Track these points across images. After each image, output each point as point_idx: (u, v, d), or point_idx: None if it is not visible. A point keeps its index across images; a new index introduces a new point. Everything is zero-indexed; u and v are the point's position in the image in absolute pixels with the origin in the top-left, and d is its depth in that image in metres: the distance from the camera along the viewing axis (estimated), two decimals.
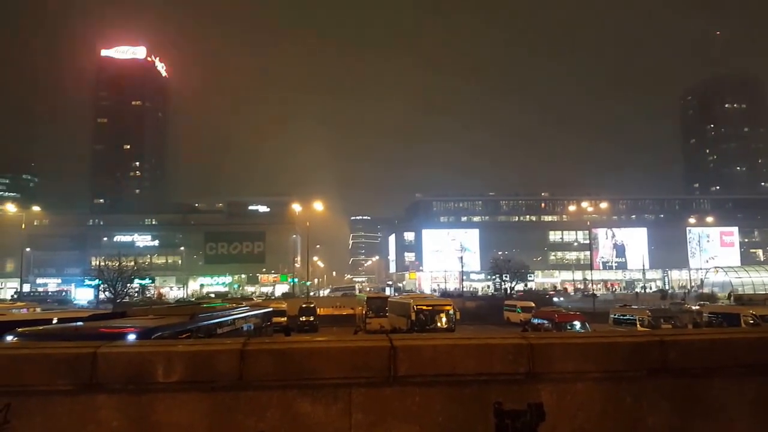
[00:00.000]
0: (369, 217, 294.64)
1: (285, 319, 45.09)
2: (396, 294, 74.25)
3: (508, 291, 75.44)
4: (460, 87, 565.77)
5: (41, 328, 9.03)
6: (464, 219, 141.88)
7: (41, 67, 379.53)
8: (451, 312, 31.18)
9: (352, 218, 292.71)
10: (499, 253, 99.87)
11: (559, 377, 4.24)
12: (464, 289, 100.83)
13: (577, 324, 30.87)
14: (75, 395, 3.88)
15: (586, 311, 50.33)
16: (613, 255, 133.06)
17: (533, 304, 49.32)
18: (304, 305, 49.44)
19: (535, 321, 33.70)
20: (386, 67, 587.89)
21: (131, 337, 8.56)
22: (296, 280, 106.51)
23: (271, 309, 21.50)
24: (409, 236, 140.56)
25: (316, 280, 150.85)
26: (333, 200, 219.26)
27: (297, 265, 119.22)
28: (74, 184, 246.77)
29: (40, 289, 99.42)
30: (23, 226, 78.64)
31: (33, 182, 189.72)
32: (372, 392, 4.05)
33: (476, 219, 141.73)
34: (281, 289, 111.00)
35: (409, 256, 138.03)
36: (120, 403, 3.91)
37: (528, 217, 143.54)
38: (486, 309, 56.22)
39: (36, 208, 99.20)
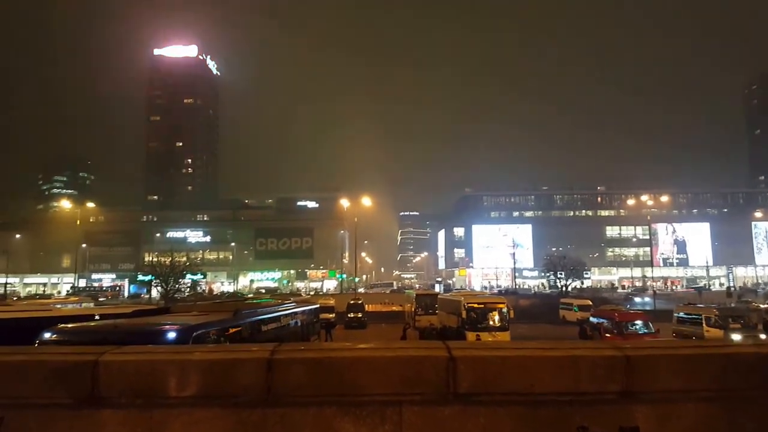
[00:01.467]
0: (417, 213, 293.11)
1: (333, 315, 44.92)
2: (445, 291, 73.04)
3: (564, 288, 73.12)
4: (512, 82, 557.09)
5: (77, 324, 8.63)
6: (516, 214, 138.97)
7: (96, 67, 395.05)
8: (505, 310, 29.72)
9: (401, 214, 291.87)
10: (553, 249, 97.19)
11: (660, 396, 3.39)
12: (517, 287, 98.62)
13: (640, 323, 29.11)
14: (75, 409, 3.28)
15: (645, 310, 48.14)
16: (673, 251, 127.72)
17: (590, 302, 47.41)
18: (352, 301, 49.13)
19: (594, 320, 32.07)
20: (436, 61, 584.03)
21: (171, 335, 8.03)
22: (344, 275, 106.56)
23: (318, 305, 20.92)
24: (459, 232, 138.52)
25: (364, 276, 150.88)
26: (381, 196, 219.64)
27: (345, 261, 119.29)
28: (129, 181, 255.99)
29: (96, 285, 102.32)
30: (78, 222, 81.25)
31: (89, 179, 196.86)
32: (427, 412, 3.31)
33: (529, 214, 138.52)
34: (329, 284, 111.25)
35: (459, 253, 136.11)
36: (127, 420, 3.29)
37: (584, 211, 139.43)
38: (540, 307, 54.50)
39: (90, 205, 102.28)
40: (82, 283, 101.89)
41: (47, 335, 7.92)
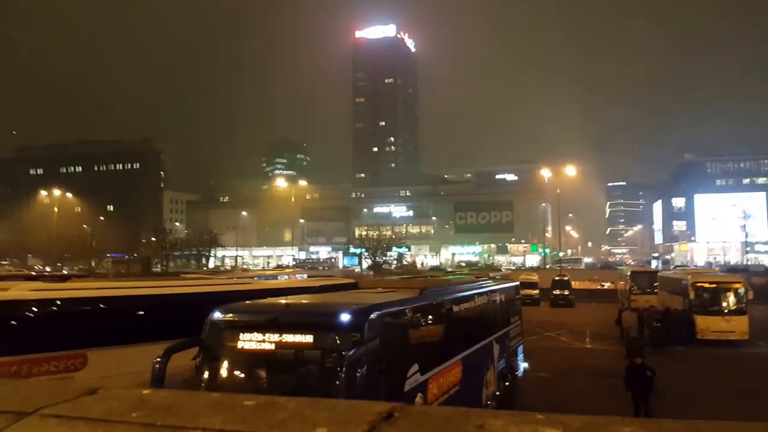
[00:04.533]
0: (628, 183, 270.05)
1: (537, 291, 42.65)
2: (664, 267, 65.42)
3: None
4: (735, 28, 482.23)
5: (249, 303, 8.15)
6: (746, 181, 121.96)
7: (303, 56, 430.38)
8: (742, 290, 25.13)
9: (609, 184, 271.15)
10: None
11: None
12: (748, 262, 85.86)
13: None
14: None
15: None
16: None
17: None
18: (557, 278, 46.33)
19: None
20: (637, 9, 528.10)
21: (344, 317, 7.01)
22: (547, 250, 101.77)
23: (517, 282, 18.93)
24: (678, 202, 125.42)
25: (569, 251, 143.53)
26: (586, 165, 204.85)
27: (548, 235, 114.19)
28: (338, 160, 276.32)
29: (313, 257, 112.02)
30: (293, 200, 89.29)
31: (305, 161, 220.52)
32: None
33: (762, 181, 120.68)
34: (532, 259, 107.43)
35: (678, 225, 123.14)
36: None
37: None
38: None
39: (303, 183, 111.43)
40: (302, 255, 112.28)
41: (217, 315, 7.51)
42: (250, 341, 7.02)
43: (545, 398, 15.13)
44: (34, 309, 9.72)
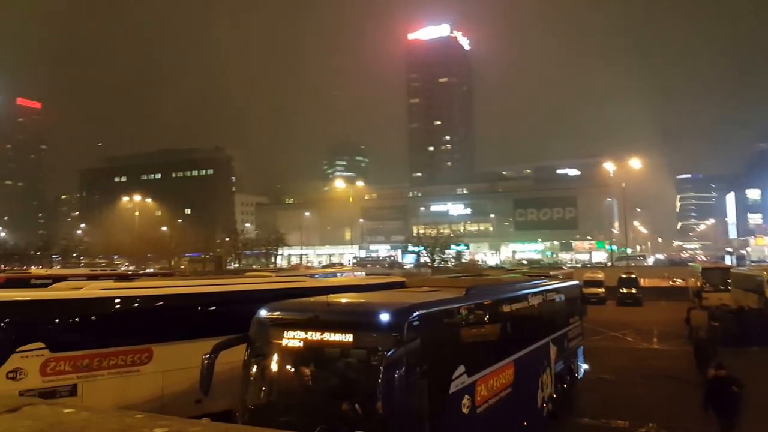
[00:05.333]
0: (700, 175, 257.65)
1: (602, 290, 41.31)
2: (738, 263, 61.97)
3: None
4: None
5: (292, 301, 8.16)
6: None
7: (359, 61, 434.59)
8: None
9: (679, 177, 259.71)
10: None
11: None
12: None
13: None
14: None
15: None
16: None
17: None
18: (624, 275, 44.56)
19: None
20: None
21: (383, 317, 6.89)
22: (614, 247, 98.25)
23: (577, 282, 18.25)
24: (753, 194, 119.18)
25: (638, 247, 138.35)
26: (653, 157, 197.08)
27: (614, 231, 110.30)
28: (395, 160, 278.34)
29: (373, 255, 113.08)
30: (351, 200, 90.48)
31: (364, 162, 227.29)
32: None
33: None
34: (599, 256, 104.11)
35: (754, 218, 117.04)
36: None
37: None
38: None
39: (360, 184, 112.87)
40: (362, 253, 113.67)
41: (262, 313, 7.68)
42: (292, 339, 7.13)
43: (607, 401, 14.53)
44: (104, 306, 10.33)
